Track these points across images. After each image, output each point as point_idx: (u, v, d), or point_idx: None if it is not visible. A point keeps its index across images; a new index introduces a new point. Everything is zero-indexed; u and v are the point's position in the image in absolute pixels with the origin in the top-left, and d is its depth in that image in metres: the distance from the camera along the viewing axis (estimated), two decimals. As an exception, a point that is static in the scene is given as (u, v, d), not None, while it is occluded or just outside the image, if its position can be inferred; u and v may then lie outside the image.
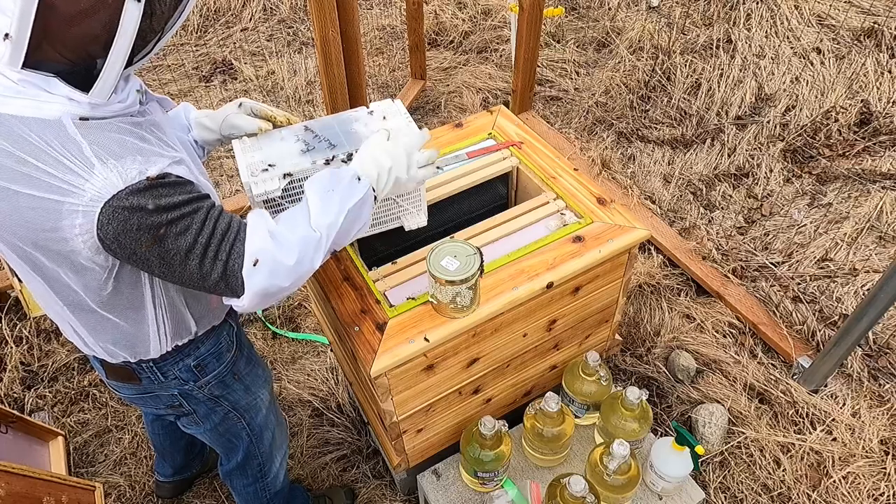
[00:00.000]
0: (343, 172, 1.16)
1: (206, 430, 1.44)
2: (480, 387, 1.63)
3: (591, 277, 1.56)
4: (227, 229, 1.03)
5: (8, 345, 2.40)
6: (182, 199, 0.97)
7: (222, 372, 1.34)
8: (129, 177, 0.92)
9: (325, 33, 2.00)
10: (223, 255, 1.02)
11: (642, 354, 2.33)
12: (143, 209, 0.93)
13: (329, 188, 1.12)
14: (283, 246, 1.06)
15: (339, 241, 1.14)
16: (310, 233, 1.08)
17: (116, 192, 0.91)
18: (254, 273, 1.03)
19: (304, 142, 1.34)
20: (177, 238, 0.98)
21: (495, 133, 1.84)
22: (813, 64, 3.30)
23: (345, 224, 1.12)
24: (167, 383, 1.27)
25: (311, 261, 1.09)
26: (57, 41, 0.89)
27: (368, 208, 1.17)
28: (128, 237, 0.94)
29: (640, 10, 3.84)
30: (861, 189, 2.84)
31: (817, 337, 2.26)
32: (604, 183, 2.92)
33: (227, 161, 3.18)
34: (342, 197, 1.12)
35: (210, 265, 1.01)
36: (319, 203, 1.10)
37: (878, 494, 1.94)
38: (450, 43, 3.91)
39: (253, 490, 1.65)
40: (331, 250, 1.14)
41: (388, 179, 1.19)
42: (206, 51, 3.89)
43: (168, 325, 1.17)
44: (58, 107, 0.92)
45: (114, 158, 0.92)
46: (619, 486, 1.53)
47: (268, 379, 1.52)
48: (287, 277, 1.07)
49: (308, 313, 2.54)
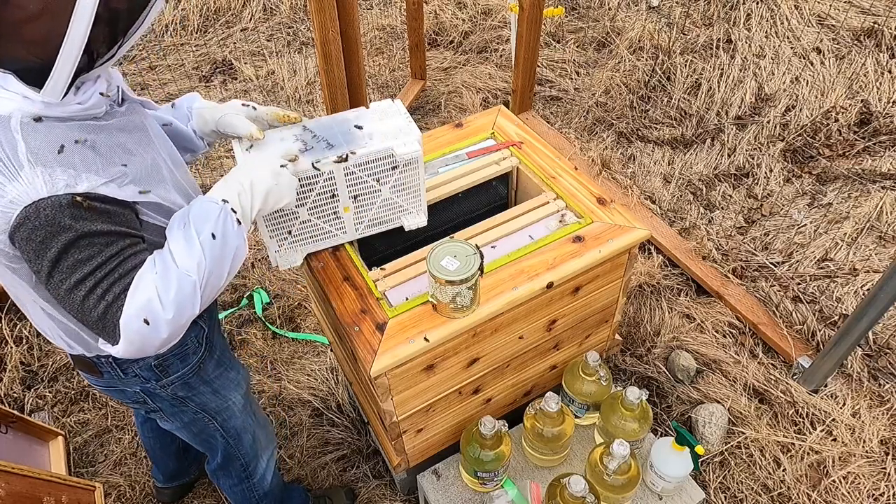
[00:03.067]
0: (196, 202, 1.09)
1: (177, 427, 1.43)
2: (480, 387, 1.63)
3: (591, 277, 1.56)
4: (124, 276, 0.98)
5: (8, 345, 2.40)
6: (99, 230, 0.95)
7: (186, 374, 1.31)
8: (55, 187, 0.91)
9: (325, 33, 2.00)
10: (109, 297, 0.97)
11: (642, 354, 2.33)
12: (56, 226, 0.92)
13: (183, 221, 1.05)
14: (162, 300, 0.99)
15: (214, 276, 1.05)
16: (183, 279, 1.00)
17: (38, 198, 0.90)
18: (131, 324, 0.98)
19: (303, 142, 1.34)
20: (73, 267, 0.95)
21: (495, 133, 1.84)
22: (813, 64, 3.30)
23: (210, 258, 1.03)
24: (127, 380, 1.26)
25: (191, 306, 1.02)
26: (11, 39, 0.89)
27: (232, 231, 1.07)
28: (32, 244, 0.93)
29: (640, 10, 3.84)
30: (861, 189, 2.84)
31: (817, 337, 2.26)
32: (604, 183, 2.92)
33: (227, 161, 3.18)
34: (197, 225, 1.04)
35: (93, 304, 0.97)
36: (181, 241, 1.03)
37: (878, 494, 1.94)
38: (450, 43, 3.91)
39: (240, 490, 1.65)
40: (208, 288, 1.04)
41: (252, 195, 1.12)
42: (206, 51, 3.89)
43: None
44: (11, 104, 0.92)
45: (44, 165, 0.91)
46: (619, 486, 1.53)
47: (241, 382, 1.48)
48: (166, 328, 1.00)
49: (308, 313, 2.54)
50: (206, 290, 1.04)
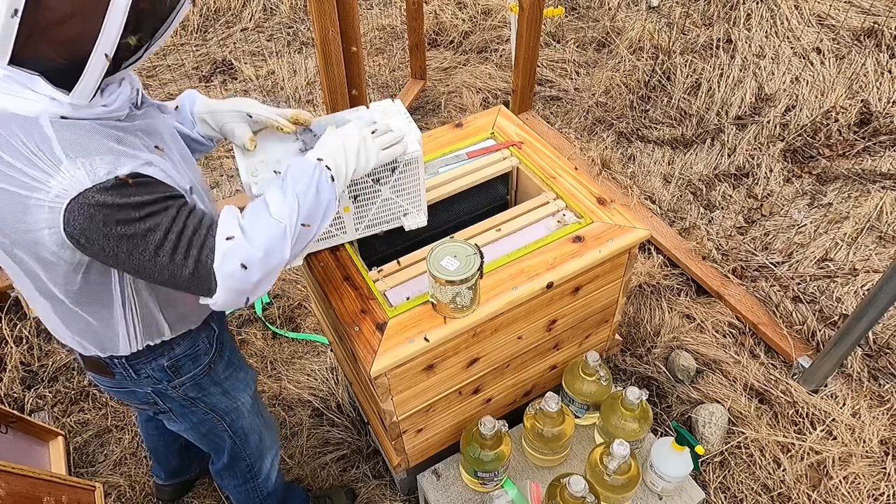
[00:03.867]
0: (294, 161, 1.18)
1: (186, 428, 1.43)
2: (480, 387, 1.63)
3: (591, 277, 1.56)
4: (199, 226, 1.03)
5: (8, 345, 2.40)
6: (151, 198, 0.97)
7: (198, 374, 1.32)
8: (97, 175, 0.92)
9: (325, 33, 2.00)
10: (194, 251, 1.01)
11: (642, 354, 2.33)
12: (111, 206, 0.93)
13: (282, 178, 1.14)
14: (252, 239, 1.05)
15: (305, 229, 1.12)
16: (273, 223, 1.08)
17: (83, 189, 0.91)
18: (225, 267, 1.02)
19: (303, 141, 1.34)
20: (145, 235, 0.97)
21: (495, 133, 1.84)
22: (813, 64, 3.30)
23: (304, 209, 1.11)
24: (139, 381, 1.26)
25: (280, 252, 1.08)
26: (42, 41, 0.89)
27: (327, 187, 1.15)
28: (95, 234, 0.94)
29: (640, 10, 3.84)
30: (861, 189, 2.84)
31: (817, 337, 2.26)
32: (604, 183, 2.92)
33: (227, 161, 3.18)
34: (293, 181, 1.12)
35: (181, 262, 1.01)
36: (277, 193, 1.11)
37: (878, 494, 1.94)
38: (450, 43, 3.91)
39: (244, 490, 1.65)
40: (300, 239, 1.12)
41: (345, 155, 1.20)
42: (206, 51, 3.89)
43: (138, 325, 1.16)
44: (39, 105, 0.93)
45: (83, 156, 0.92)
46: (619, 486, 1.53)
47: (250, 383, 1.49)
48: (258, 270, 1.05)
49: (308, 313, 2.54)
50: (298, 241, 1.11)
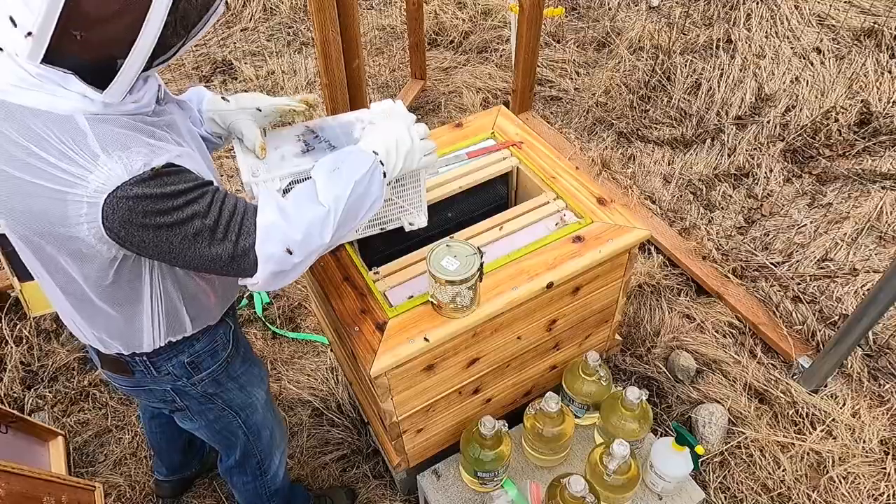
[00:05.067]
0: (349, 149, 1.18)
1: (200, 426, 1.44)
2: (480, 387, 1.63)
3: (591, 277, 1.56)
4: (234, 210, 1.05)
5: (8, 345, 2.40)
6: (187, 187, 0.99)
7: (216, 370, 1.33)
8: (133, 168, 0.93)
9: (325, 33, 2.00)
10: (232, 235, 1.03)
11: (642, 354, 2.33)
12: (149, 197, 0.94)
13: (334, 166, 1.14)
14: (292, 221, 1.07)
15: (350, 215, 1.14)
16: (317, 207, 1.09)
17: (121, 182, 0.92)
18: (265, 248, 1.05)
19: (305, 142, 1.34)
20: (184, 223, 0.99)
21: (495, 133, 1.84)
22: (813, 64, 3.30)
23: (353, 197, 1.12)
24: (160, 378, 1.27)
25: (320, 235, 1.10)
26: (78, 40, 0.89)
27: (378, 182, 1.17)
28: (135, 225, 0.95)
29: (640, 10, 3.84)
30: (861, 189, 2.84)
31: (817, 337, 2.26)
32: (604, 183, 2.92)
33: (227, 161, 3.18)
34: (349, 170, 1.13)
35: (220, 246, 1.03)
36: (325, 178, 1.12)
37: (878, 494, 1.94)
38: (450, 43, 3.91)
39: (252, 487, 1.65)
40: (342, 226, 1.13)
41: (396, 154, 1.21)
42: (206, 51, 3.89)
43: (163, 321, 1.18)
44: (71, 103, 0.93)
45: (119, 150, 0.93)
46: (619, 486, 1.53)
47: (264, 378, 1.51)
48: (298, 252, 1.08)
49: (308, 313, 2.54)
50: (339, 229, 1.12)
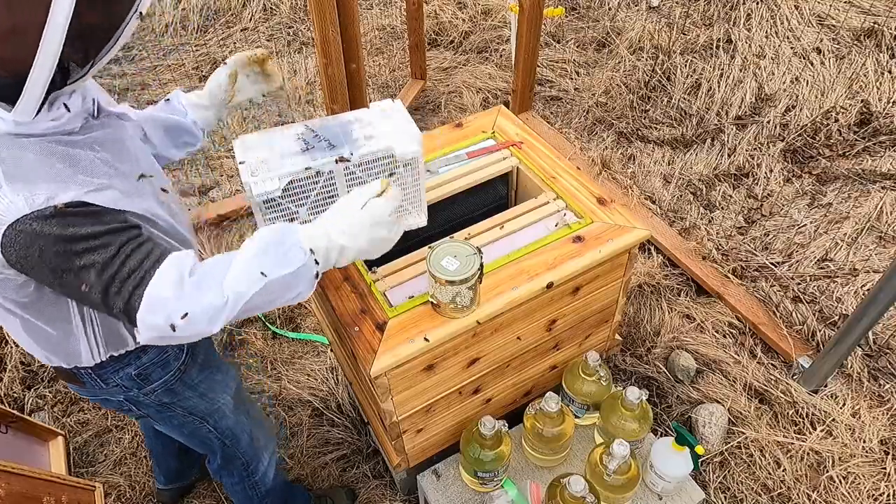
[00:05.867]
0: (289, 235, 1.06)
1: (169, 430, 1.43)
2: (480, 387, 1.63)
3: (591, 277, 1.56)
4: (137, 267, 0.97)
5: (8, 345, 2.40)
6: (89, 232, 0.94)
7: (170, 380, 1.30)
8: (35, 202, 0.90)
9: (325, 33, 2.00)
10: (125, 294, 0.97)
11: (642, 354, 2.33)
12: (46, 236, 0.91)
13: (264, 250, 1.03)
14: (186, 299, 0.98)
15: (250, 310, 1.03)
16: (217, 294, 0.99)
17: (21, 216, 0.89)
18: (147, 319, 0.97)
19: (304, 141, 1.34)
20: (78, 271, 0.94)
21: (495, 133, 1.84)
22: (813, 64, 3.30)
23: (257, 298, 1.01)
24: (109, 389, 1.25)
25: (209, 322, 0.99)
26: None
27: (306, 280, 1.07)
28: (30, 262, 0.93)
29: (640, 10, 3.84)
30: (861, 189, 2.84)
31: (817, 337, 2.26)
32: (604, 183, 2.92)
33: (227, 161, 3.18)
34: (272, 264, 1.02)
35: (108, 300, 0.97)
36: (243, 265, 1.01)
37: (878, 494, 1.94)
38: (450, 43, 3.91)
39: (242, 489, 1.65)
40: (239, 317, 1.03)
41: (338, 258, 1.11)
42: (206, 51, 3.89)
43: (100, 336, 1.14)
44: None
45: (22, 181, 0.90)
46: (619, 486, 1.53)
47: (229, 383, 1.46)
48: (182, 330, 0.99)
49: (308, 313, 2.54)
50: (238, 316, 1.02)
